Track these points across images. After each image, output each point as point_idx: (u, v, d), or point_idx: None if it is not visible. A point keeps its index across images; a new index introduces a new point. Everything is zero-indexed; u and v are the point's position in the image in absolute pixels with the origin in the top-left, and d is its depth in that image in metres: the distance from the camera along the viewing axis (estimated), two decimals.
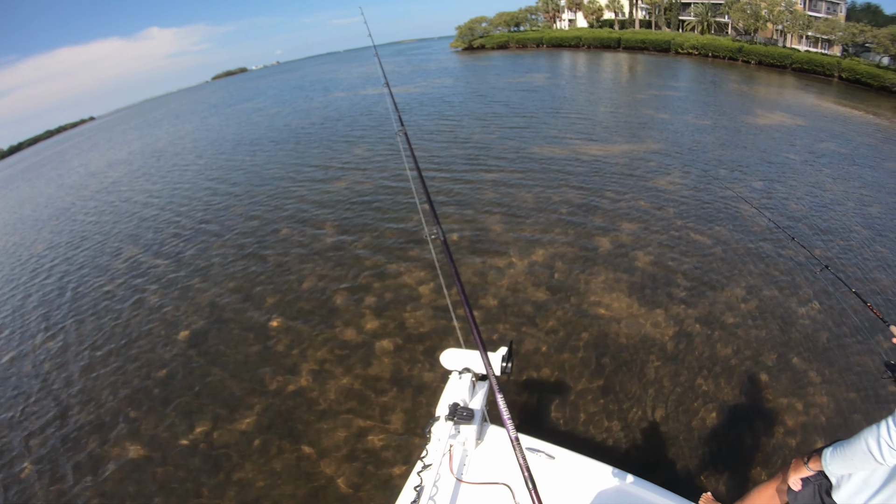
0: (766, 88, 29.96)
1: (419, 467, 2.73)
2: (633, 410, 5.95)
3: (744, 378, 6.33)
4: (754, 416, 5.78)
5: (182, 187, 19.63)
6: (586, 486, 2.75)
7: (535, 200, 12.09)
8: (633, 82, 32.92)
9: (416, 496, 2.55)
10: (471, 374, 3.04)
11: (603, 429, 5.75)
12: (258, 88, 68.69)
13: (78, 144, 60.06)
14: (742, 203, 11.01)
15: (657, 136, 17.63)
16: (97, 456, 6.59)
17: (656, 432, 5.63)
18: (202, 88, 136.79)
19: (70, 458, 6.65)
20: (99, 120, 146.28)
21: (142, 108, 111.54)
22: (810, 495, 2.70)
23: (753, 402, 5.98)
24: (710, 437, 5.52)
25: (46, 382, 8.55)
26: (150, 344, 8.88)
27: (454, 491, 2.68)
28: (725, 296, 7.95)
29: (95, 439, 6.90)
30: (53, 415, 7.64)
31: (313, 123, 27.83)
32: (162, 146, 32.86)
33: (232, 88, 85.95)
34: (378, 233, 11.43)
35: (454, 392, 2.98)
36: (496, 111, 23.99)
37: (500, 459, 2.87)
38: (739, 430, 5.61)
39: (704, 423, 5.70)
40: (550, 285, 8.58)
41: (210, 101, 66.59)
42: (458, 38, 74.07)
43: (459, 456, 2.88)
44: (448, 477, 2.74)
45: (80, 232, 16.84)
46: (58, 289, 12.18)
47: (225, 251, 11.91)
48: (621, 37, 55.01)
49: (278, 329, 8.50)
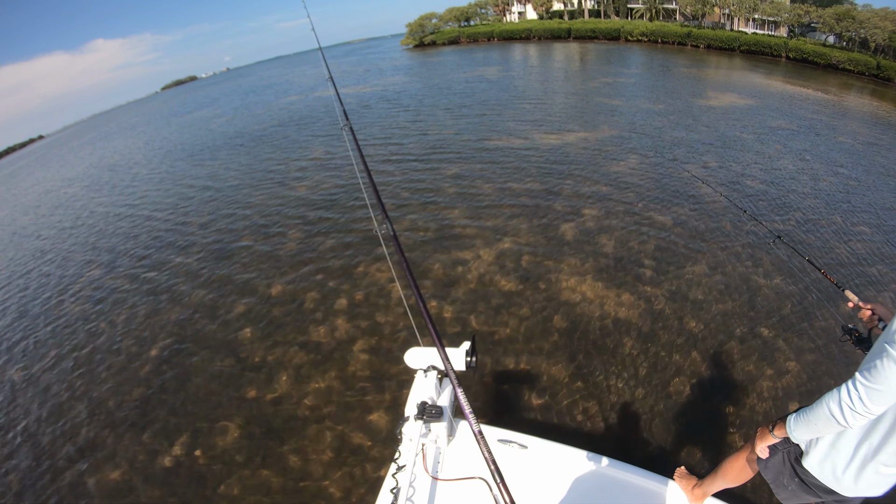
0: (715, 71, 30.68)
1: (393, 469, 2.74)
2: (607, 392, 6.04)
3: (714, 351, 6.49)
4: (727, 387, 5.93)
5: (139, 200, 19.15)
6: (561, 472, 2.78)
7: (496, 191, 12.17)
8: (585, 71, 33.36)
9: (394, 498, 2.55)
10: (436, 371, 3.05)
11: (577, 413, 5.81)
12: (209, 96, 67.40)
13: (29, 165, 58.02)
14: (699, 183, 11.26)
15: (612, 122, 17.92)
16: (75, 485, 6.37)
17: (631, 412, 5.72)
18: (152, 100, 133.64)
19: (46, 491, 6.45)
20: (48, 138, 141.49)
21: (91, 123, 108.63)
22: (780, 463, 2.73)
23: (725, 374, 6.13)
24: (684, 411, 5.63)
25: (10, 414, 8.30)
26: (119, 365, 8.62)
27: (430, 489, 2.70)
28: (690, 273, 8.14)
29: (72, 468, 6.67)
30: (22, 447, 7.36)
31: (268, 128, 27.45)
32: (116, 160, 32.03)
33: (182, 98, 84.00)
34: (342, 234, 11.35)
35: (421, 391, 2.99)
36: (451, 106, 24.06)
37: (474, 454, 2.87)
38: (713, 402, 5.74)
39: (678, 399, 5.82)
40: (519, 274, 8.65)
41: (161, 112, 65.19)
42: (408, 35, 73.88)
43: (433, 454, 2.90)
44: (423, 476, 2.76)
45: (37, 253, 16.30)
46: (17, 313, 11.81)
47: (188, 264, 11.66)
48: (571, 27, 55.67)
49: (251, 338, 8.37)
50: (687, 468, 3.80)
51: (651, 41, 46.54)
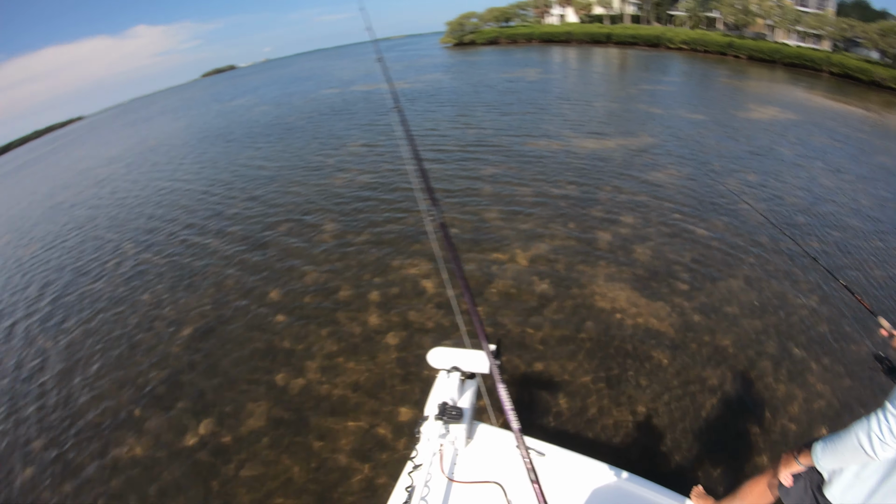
0: (756, 83, 30.09)
1: (410, 468, 2.72)
2: (633, 404, 5.98)
3: (744, 368, 6.38)
4: (754, 407, 5.82)
5: (179, 183, 19.50)
6: (576, 483, 2.73)
7: (533, 194, 12.12)
8: (624, 77, 32.99)
9: (408, 496, 2.54)
10: (459, 372, 3.01)
11: (600, 423, 5.76)
12: (249, 85, 68.07)
13: (69, 143, 59.45)
14: (737, 197, 11.08)
15: (651, 130, 17.69)
16: (102, 456, 6.55)
17: (654, 425, 5.66)
18: (192, 86, 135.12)
19: (73, 459, 6.61)
20: (88, 119, 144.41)
21: (131, 107, 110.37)
22: (801, 490, 2.63)
23: (753, 393, 6.03)
24: (708, 428, 5.56)
25: (47, 383, 8.47)
26: (152, 343, 8.81)
27: (445, 491, 2.67)
28: (725, 287, 8.02)
29: (99, 439, 6.85)
30: (54, 415, 7.58)
31: (308, 118, 27.72)
32: (156, 142, 32.65)
33: (222, 86, 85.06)
34: (380, 225, 11.45)
35: (442, 391, 2.96)
36: (490, 106, 23.95)
37: (491, 458, 2.86)
38: (738, 421, 5.64)
39: (703, 415, 5.74)
40: (552, 278, 8.61)
41: (201, 99, 66.11)
42: (448, 33, 73.74)
43: (450, 455, 2.86)
44: (439, 477, 2.73)
45: (76, 230, 16.68)
46: (56, 288, 12.07)
47: (225, 247, 11.85)
48: (611, 32, 55.03)
49: (283, 324, 8.47)
50: (705, 488, 3.77)
51: (692, 50, 45.80)
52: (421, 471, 2.69)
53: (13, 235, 18.81)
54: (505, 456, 2.84)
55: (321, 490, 5.46)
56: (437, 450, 2.82)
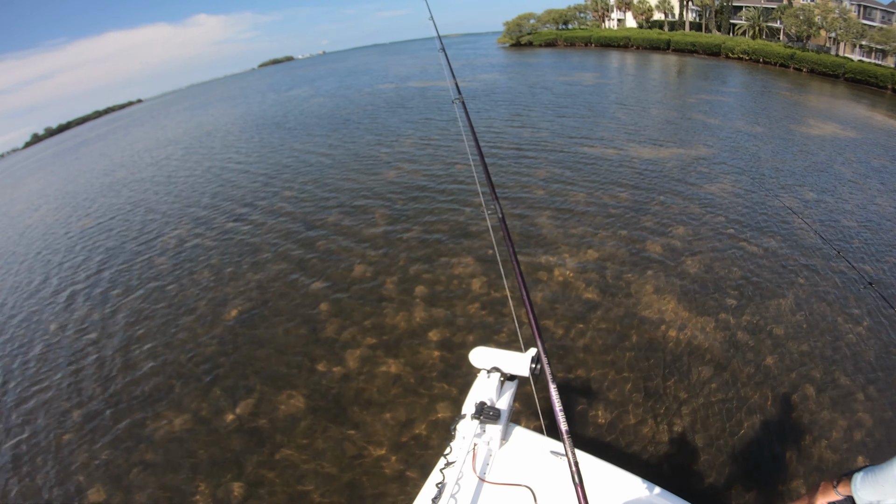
0: (817, 98, 29.22)
1: (442, 464, 2.71)
2: (670, 417, 5.98)
3: (788, 391, 6.31)
4: (794, 431, 5.77)
5: (233, 167, 20.08)
6: (607, 493, 2.68)
7: (586, 199, 12.12)
8: (682, 85, 32.39)
9: (438, 493, 2.55)
10: (499, 373, 2.99)
11: (635, 434, 5.79)
12: (306, 77, 69.06)
13: (128, 125, 61.40)
14: (792, 214, 10.87)
15: (707, 141, 17.42)
16: (140, 426, 6.85)
17: (691, 441, 5.65)
18: (249, 75, 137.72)
19: (112, 428, 6.93)
20: (147, 102, 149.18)
21: (189, 93, 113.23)
22: None
23: (795, 416, 5.96)
24: (746, 449, 5.52)
25: (92, 353, 8.90)
26: (198, 321, 9.15)
27: (476, 490, 2.65)
28: (774, 307, 7.93)
29: (139, 410, 7.17)
30: (96, 384, 7.97)
31: (364, 111, 28.13)
32: (211, 129, 33.58)
33: (279, 76, 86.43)
34: (431, 221, 11.62)
35: (481, 391, 2.93)
36: (547, 108, 23.88)
37: (524, 461, 2.84)
38: (777, 444, 5.60)
39: (743, 435, 5.71)
40: (601, 285, 8.65)
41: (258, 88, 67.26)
42: (505, 34, 73.44)
43: (483, 455, 2.83)
44: (470, 476, 2.71)
45: (130, 208, 17.38)
46: (106, 264, 12.63)
47: (274, 234, 12.20)
48: (671, 39, 54.01)
49: (328, 313, 8.69)
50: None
51: (752, 60, 44.65)
52: (453, 468, 2.68)
53: (72, 209, 19.69)
54: (538, 460, 2.83)
55: (353, 479, 5.61)
56: (471, 448, 2.80)
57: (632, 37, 58.56)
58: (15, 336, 10.14)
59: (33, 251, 15.65)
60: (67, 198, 22.51)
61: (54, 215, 19.79)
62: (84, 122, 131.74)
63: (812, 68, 39.77)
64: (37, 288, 12.39)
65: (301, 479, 5.71)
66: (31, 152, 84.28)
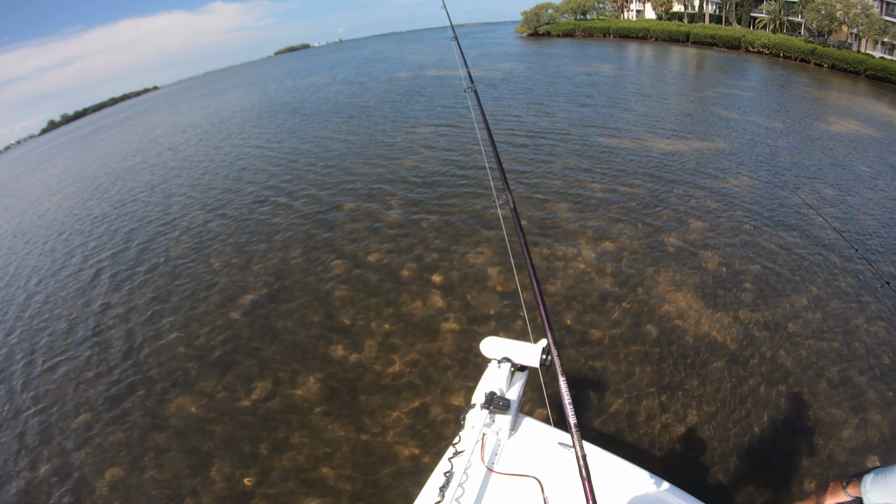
0: (837, 94, 28.69)
1: (450, 453, 2.71)
2: (684, 412, 5.93)
3: (801, 389, 6.24)
4: (807, 429, 5.71)
5: (250, 153, 20.16)
6: (615, 487, 2.65)
7: (603, 190, 12.03)
8: (701, 78, 31.94)
9: (446, 481, 2.55)
10: (510, 363, 2.99)
11: (647, 428, 5.75)
12: (323, 64, 68.85)
13: (144, 111, 61.77)
14: (810, 211, 10.71)
15: (726, 135, 17.15)
16: (154, 409, 6.90)
17: (702, 437, 5.60)
18: (266, 63, 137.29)
19: (126, 411, 6.98)
20: (163, 89, 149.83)
21: (205, 80, 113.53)
22: None
23: (808, 414, 5.90)
24: (757, 445, 5.48)
25: (106, 333, 9.00)
26: (213, 305, 9.19)
27: (483, 479, 2.65)
28: (790, 304, 7.82)
29: (154, 393, 7.22)
30: (110, 366, 8.04)
31: (381, 99, 28.10)
32: (228, 115, 33.69)
33: (296, 63, 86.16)
34: (448, 208, 11.58)
35: (492, 381, 2.94)
36: (563, 99, 23.65)
37: (532, 452, 2.83)
38: (788, 442, 5.55)
39: (754, 431, 5.66)
40: (617, 277, 8.58)
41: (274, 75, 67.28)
42: (523, 23, 72.64)
43: (492, 445, 2.84)
44: (478, 465, 2.71)
45: (146, 192, 17.54)
46: (120, 250, 12.72)
47: (291, 220, 12.21)
48: (690, 31, 53.17)
49: (344, 299, 8.70)
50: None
51: (772, 54, 43.83)
52: (461, 457, 2.68)
53: (91, 192, 19.91)
54: (546, 452, 2.82)
55: (367, 464, 5.63)
56: (480, 438, 2.80)
57: (651, 28, 57.70)
58: (38, 314, 10.32)
59: (55, 232, 15.89)
60: (87, 181, 22.75)
61: (74, 199, 20.04)
62: (100, 108, 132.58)
63: (833, 64, 38.95)
64: (59, 268, 12.62)
65: (317, 462, 5.73)
66: (47, 139, 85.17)
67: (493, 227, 10.41)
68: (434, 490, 2.55)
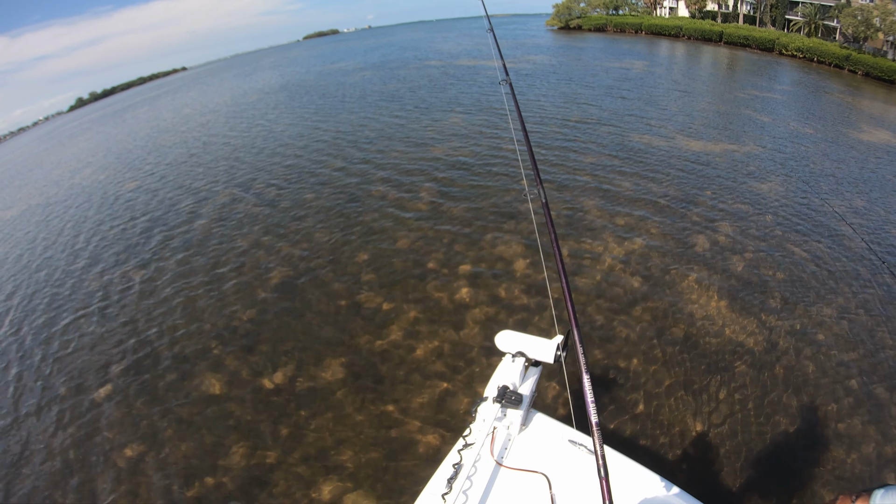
0: (871, 102, 27.96)
1: (460, 445, 2.70)
2: (703, 415, 5.88)
3: (824, 399, 6.16)
4: (825, 440, 5.64)
5: (278, 136, 20.25)
6: (626, 488, 2.59)
7: (633, 189, 11.89)
8: (733, 80, 31.32)
9: (454, 473, 2.54)
10: (524, 358, 2.97)
11: (665, 431, 5.71)
12: (352, 50, 68.47)
13: (172, 91, 62.15)
14: (840, 221, 10.50)
15: (758, 138, 16.83)
16: (177, 386, 7.00)
17: (721, 443, 5.55)
18: (294, 47, 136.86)
19: (149, 386, 7.09)
20: (192, 70, 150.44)
21: (233, 62, 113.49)
22: None
23: (828, 425, 5.83)
24: (776, 452, 5.43)
25: (133, 311, 9.12)
26: (240, 286, 9.25)
27: (492, 473, 2.62)
28: (817, 313, 7.71)
29: (177, 370, 7.32)
30: (135, 342, 8.16)
31: (410, 87, 27.98)
32: (256, 98, 33.73)
33: (324, 48, 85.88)
34: (477, 199, 11.54)
35: (505, 375, 2.92)
36: (594, 94, 23.33)
37: (542, 448, 2.79)
38: (806, 451, 5.49)
39: (773, 438, 5.61)
40: (644, 277, 8.51)
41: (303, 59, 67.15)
42: (554, 16, 71.61)
43: (502, 439, 2.81)
44: (488, 459, 2.68)
45: (173, 171, 17.75)
46: (149, 226, 12.92)
47: (320, 204, 12.26)
48: (724, 31, 52.11)
49: (370, 285, 8.72)
50: None
51: (806, 58, 42.80)
52: (471, 450, 2.67)
53: (119, 169, 20.16)
54: (556, 448, 2.78)
55: (387, 449, 5.66)
56: (490, 432, 2.78)
57: (683, 26, 56.70)
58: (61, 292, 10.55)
59: (83, 207, 16.22)
60: (112, 159, 22.97)
61: (104, 173, 20.40)
62: (129, 87, 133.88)
63: (867, 71, 37.93)
64: (84, 243, 12.95)
65: (338, 445, 5.78)
66: (75, 115, 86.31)
67: (522, 218, 10.37)
68: (442, 481, 2.55)
